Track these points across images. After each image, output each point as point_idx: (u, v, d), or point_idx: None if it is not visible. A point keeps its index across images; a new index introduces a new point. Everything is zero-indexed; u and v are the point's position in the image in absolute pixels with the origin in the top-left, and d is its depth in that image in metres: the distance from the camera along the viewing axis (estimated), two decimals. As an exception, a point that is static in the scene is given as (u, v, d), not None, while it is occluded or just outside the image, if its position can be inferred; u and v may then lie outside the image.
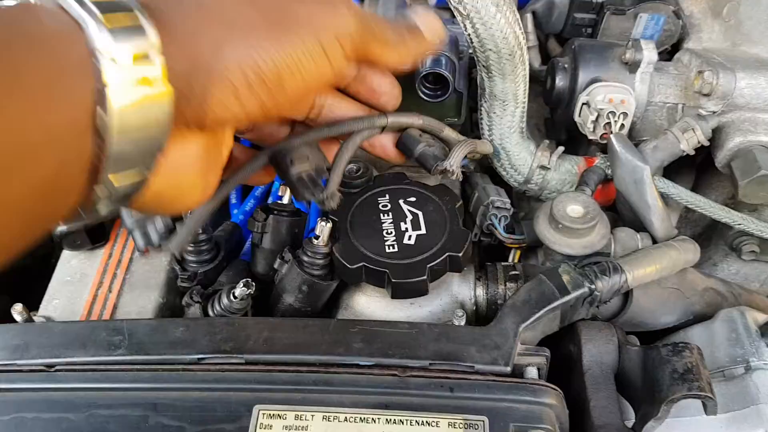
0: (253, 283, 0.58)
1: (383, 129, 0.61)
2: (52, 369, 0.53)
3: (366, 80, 0.57)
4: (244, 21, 0.41)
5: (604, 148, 0.78)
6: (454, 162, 0.58)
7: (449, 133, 0.69)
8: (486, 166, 0.82)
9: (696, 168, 0.91)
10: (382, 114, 0.60)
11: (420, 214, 0.63)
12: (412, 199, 0.65)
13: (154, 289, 0.64)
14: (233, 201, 0.78)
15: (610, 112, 0.71)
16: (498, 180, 0.79)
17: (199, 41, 0.39)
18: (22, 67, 0.32)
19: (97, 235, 0.66)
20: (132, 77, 0.35)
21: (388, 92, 0.59)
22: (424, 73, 0.69)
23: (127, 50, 0.35)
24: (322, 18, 0.44)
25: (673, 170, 0.85)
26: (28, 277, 0.69)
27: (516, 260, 0.73)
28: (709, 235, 0.89)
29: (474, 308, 0.66)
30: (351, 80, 0.57)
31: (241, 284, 0.58)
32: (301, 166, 0.54)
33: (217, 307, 0.58)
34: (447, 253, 0.60)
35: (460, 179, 0.63)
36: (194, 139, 0.43)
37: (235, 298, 0.57)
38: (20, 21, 0.34)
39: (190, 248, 0.63)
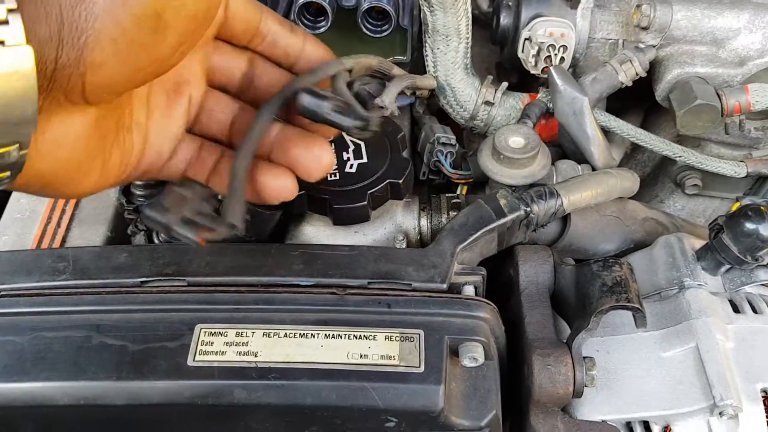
0: None
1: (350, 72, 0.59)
2: (-2, 295, 0.54)
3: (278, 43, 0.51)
4: None
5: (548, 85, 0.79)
6: (387, 98, 0.58)
7: (397, 71, 0.70)
8: (435, 110, 0.83)
9: (644, 111, 0.93)
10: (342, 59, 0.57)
11: (362, 144, 0.65)
12: (355, 130, 0.66)
13: (102, 224, 0.65)
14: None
15: (550, 45, 0.73)
16: (447, 119, 0.80)
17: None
18: None
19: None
20: None
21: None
22: (367, 7, 0.70)
23: None
24: None
25: (621, 110, 0.87)
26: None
27: (462, 194, 0.75)
28: (655, 174, 0.92)
29: (418, 237, 0.67)
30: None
31: None
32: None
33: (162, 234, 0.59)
34: (388, 180, 0.62)
35: (396, 114, 0.63)
36: (79, 114, 0.39)
37: None
38: None
39: (138, 182, 0.63)
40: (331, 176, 0.62)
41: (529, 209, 0.61)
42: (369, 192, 0.61)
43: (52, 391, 0.48)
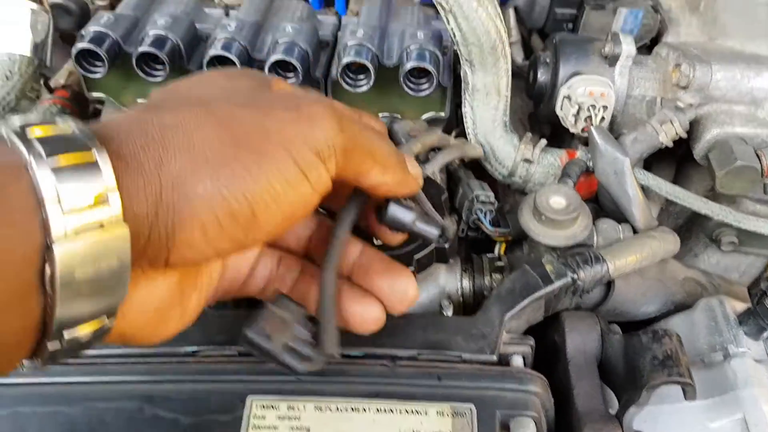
0: None
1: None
2: (47, 364, 0.54)
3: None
4: (212, 150, 0.36)
5: (586, 142, 0.79)
6: (433, 167, 0.58)
7: (453, 141, 0.70)
8: (470, 160, 0.83)
9: (676, 161, 0.93)
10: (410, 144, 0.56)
11: (407, 207, 0.65)
12: (400, 192, 0.66)
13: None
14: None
15: (591, 105, 0.73)
16: (483, 173, 0.80)
17: (163, 176, 0.34)
18: None
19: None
20: (84, 224, 0.31)
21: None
22: (410, 68, 0.71)
23: (79, 195, 0.31)
24: (297, 135, 0.38)
25: (654, 163, 0.87)
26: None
27: (501, 253, 0.75)
28: (689, 227, 0.91)
29: (460, 299, 0.67)
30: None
31: None
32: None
33: None
34: (433, 245, 0.62)
35: (439, 181, 0.63)
36: (162, 276, 0.39)
37: None
38: None
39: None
40: (377, 240, 0.62)
41: (576, 276, 0.61)
42: (416, 257, 0.60)
43: (107, 467, 0.48)
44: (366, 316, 0.49)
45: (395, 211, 0.47)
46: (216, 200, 0.35)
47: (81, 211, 0.31)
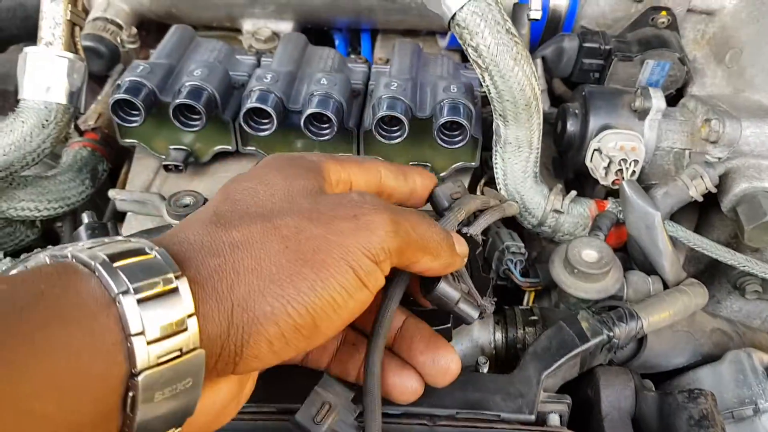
0: None
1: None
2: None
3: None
4: (278, 267, 0.38)
5: (611, 190, 0.80)
6: (475, 229, 0.59)
7: (493, 202, 0.71)
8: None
9: (699, 209, 0.93)
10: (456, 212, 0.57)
11: (442, 261, 0.65)
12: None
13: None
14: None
15: (622, 159, 0.74)
16: (511, 221, 0.81)
17: (234, 298, 0.37)
18: (55, 354, 0.30)
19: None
20: (166, 350, 0.33)
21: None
22: (443, 121, 0.71)
23: (162, 323, 0.33)
24: (357, 245, 0.40)
25: (677, 210, 0.88)
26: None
27: (530, 302, 0.75)
28: (712, 273, 0.92)
29: (493, 352, 0.67)
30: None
31: None
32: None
33: None
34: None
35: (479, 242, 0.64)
36: (226, 382, 0.41)
37: None
38: (56, 293, 0.32)
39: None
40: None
41: (612, 333, 0.61)
42: (453, 316, 0.61)
43: None
44: (405, 388, 0.50)
45: (444, 290, 0.48)
46: (282, 317, 0.37)
47: (164, 339, 0.33)
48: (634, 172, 0.75)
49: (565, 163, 0.86)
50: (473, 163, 0.78)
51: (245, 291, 0.37)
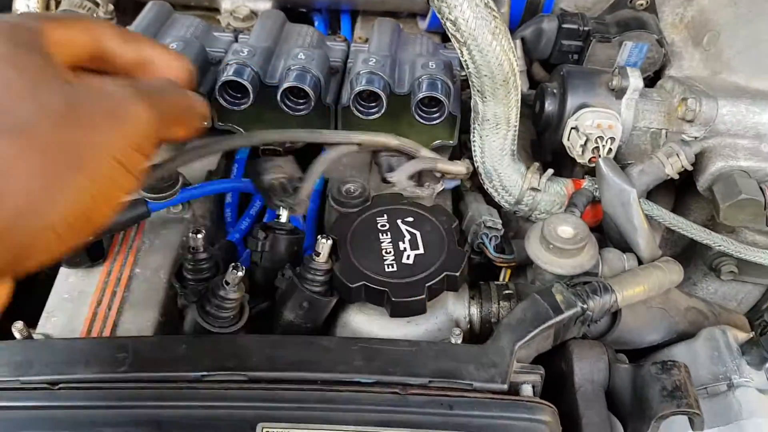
0: (242, 266, 0.57)
1: (359, 146, 0.62)
2: (56, 387, 0.53)
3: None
4: (42, 180, 0.37)
5: (590, 171, 0.80)
6: (398, 176, 0.59)
7: (425, 153, 0.72)
8: (479, 186, 0.84)
9: (676, 191, 0.94)
10: (360, 132, 0.60)
11: (418, 233, 0.65)
12: (410, 219, 0.66)
13: (153, 308, 0.65)
14: (228, 219, 0.79)
15: (599, 136, 0.74)
16: (490, 200, 0.81)
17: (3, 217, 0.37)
18: None
19: (95, 253, 0.66)
20: None
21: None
22: (422, 97, 0.71)
23: None
24: (118, 141, 0.41)
25: (654, 192, 0.88)
26: (20, 293, 0.69)
27: (507, 279, 0.75)
28: (688, 255, 0.92)
29: (468, 326, 0.67)
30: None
31: (230, 269, 0.57)
32: (274, 175, 0.55)
33: (214, 301, 0.58)
34: (445, 273, 0.62)
35: (405, 192, 0.64)
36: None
37: (227, 284, 0.57)
38: None
39: (189, 266, 0.63)
40: (388, 267, 0.62)
41: (585, 306, 0.61)
42: (427, 285, 0.61)
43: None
44: None
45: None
46: (56, 224, 0.38)
47: None
48: (610, 150, 0.75)
49: (543, 144, 0.86)
50: (451, 142, 0.77)
51: (13, 212, 0.37)
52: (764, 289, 0.90)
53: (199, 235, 0.62)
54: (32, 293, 0.67)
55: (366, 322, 0.64)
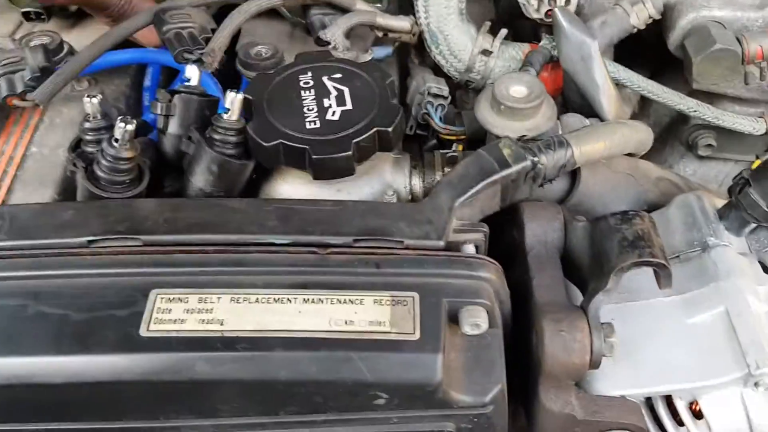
0: (132, 119, 0.51)
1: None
2: None
3: None
4: None
5: (551, 32, 0.72)
6: (332, 32, 0.52)
7: (361, 6, 0.64)
8: (430, 64, 0.76)
9: (650, 70, 0.86)
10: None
11: (346, 90, 0.57)
12: (338, 75, 0.59)
13: (49, 186, 0.58)
14: (147, 104, 0.71)
15: (555, -14, 0.66)
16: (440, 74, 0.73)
17: None
18: None
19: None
20: None
21: None
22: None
23: None
24: None
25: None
26: None
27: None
28: (663, 137, 0.85)
29: (409, 197, 0.60)
30: None
31: (117, 122, 0.50)
32: (181, 24, 0.47)
33: (103, 163, 0.51)
34: (375, 128, 0.54)
35: (340, 49, 0.57)
36: None
37: (117, 141, 0.50)
38: None
39: (87, 137, 0.55)
40: (310, 124, 0.54)
41: (536, 159, 0.54)
42: (354, 141, 0.53)
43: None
44: None
45: None
46: None
47: None
48: (568, 0, 0.67)
49: (499, 12, 0.78)
50: (380, 5, 0.70)
51: None
52: (746, 167, 0.83)
53: (95, 100, 0.54)
54: None
55: (290, 191, 0.57)
